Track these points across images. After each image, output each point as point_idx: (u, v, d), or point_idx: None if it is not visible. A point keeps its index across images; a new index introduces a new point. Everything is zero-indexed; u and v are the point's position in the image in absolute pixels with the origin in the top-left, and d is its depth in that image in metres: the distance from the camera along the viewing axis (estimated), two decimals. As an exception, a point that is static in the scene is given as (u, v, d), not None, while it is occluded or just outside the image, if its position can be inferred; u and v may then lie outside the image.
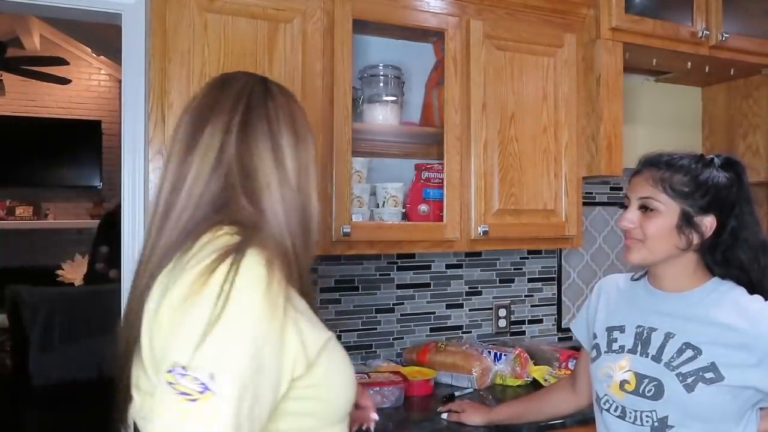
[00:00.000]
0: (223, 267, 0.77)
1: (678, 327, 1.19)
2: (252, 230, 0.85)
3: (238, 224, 0.86)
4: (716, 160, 1.21)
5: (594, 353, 1.30)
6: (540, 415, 1.56)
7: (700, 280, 1.21)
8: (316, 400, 0.86)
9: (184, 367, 0.72)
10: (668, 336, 1.19)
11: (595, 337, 1.32)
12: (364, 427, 1.20)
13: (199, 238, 0.85)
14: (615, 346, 1.26)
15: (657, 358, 1.18)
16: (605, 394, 1.25)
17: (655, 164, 1.21)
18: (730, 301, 1.18)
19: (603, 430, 1.28)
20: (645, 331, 1.23)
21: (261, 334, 0.77)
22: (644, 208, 1.19)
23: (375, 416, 1.21)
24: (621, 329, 1.27)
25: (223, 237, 0.84)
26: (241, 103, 0.92)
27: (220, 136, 0.89)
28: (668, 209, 1.17)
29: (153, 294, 0.84)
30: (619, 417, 1.22)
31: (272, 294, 0.78)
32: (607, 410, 1.25)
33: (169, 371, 0.73)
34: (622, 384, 1.21)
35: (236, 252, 0.79)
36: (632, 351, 1.23)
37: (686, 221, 1.16)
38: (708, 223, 1.17)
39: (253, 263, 0.79)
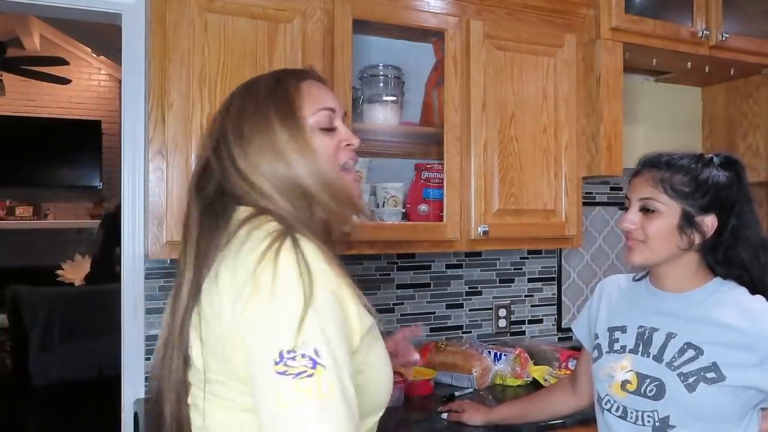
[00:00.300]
0: (286, 250, 0.80)
1: (679, 327, 1.19)
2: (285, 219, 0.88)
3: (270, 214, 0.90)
4: (715, 160, 1.21)
5: (595, 353, 1.30)
6: (540, 415, 1.55)
7: (701, 281, 1.21)
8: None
9: (291, 351, 0.74)
10: (670, 336, 1.19)
11: (596, 337, 1.32)
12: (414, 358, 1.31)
13: (236, 233, 0.87)
14: (616, 347, 1.26)
15: (658, 358, 1.18)
16: (606, 395, 1.25)
17: (654, 165, 1.21)
18: (731, 301, 1.18)
19: (604, 430, 1.28)
20: (647, 332, 1.23)
21: (335, 305, 0.80)
22: (645, 209, 1.19)
23: (416, 357, 1.34)
24: (623, 329, 1.27)
25: (269, 223, 0.86)
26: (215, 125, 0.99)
27: (213, 161, 0.95)
28: (669, 210, 1.17)
29: (202, 303, 0.86)
30: (620, 417, 1.22)
31: (333, 268, 0.82)
32: (609, 410, 1.25)
33: (277, 362, 0.73)
34: (624, 384, 1.21)
35: (290, 235, 0.82)
36: (633, 351, 1.23)
37: (687, 221, 1.16)
38: (709, 222, 1.17)
39: (309, 242, 0.82)
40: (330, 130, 0.98)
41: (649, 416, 1.17)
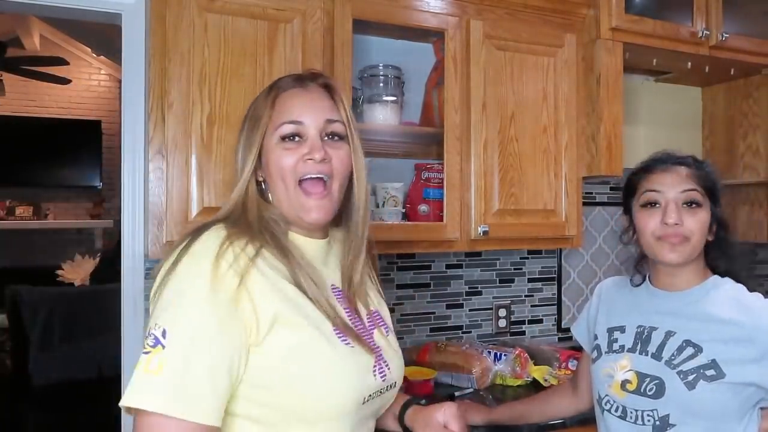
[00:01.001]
0: (181, 248, 0.88)
1: (678, 325, 1.19)
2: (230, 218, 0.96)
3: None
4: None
5: (594, 354, 1.30)
6: (541, 416, 1.55)
7: (700, 279, 1.23)
8: (261, 405, 0.88)
9: (149, 331, 0.84)
10: (669, 334, 1.19)
11: (595, 338, 1.33)
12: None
13: None
14: (615, 346, 1.26)
15: (657, 356, 1.18)
16: (606, 395, 1.25)
17: (682, 162, 1.22)
18: (729, 297, 1.19)
19: (604, 431, 1.28)
20: (645, 331, 1.23)
21: (209, 298, 0.83)
22: (690, 203, 1.18)
23: None
24: (621, 329, 1.27)
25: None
26: None
27: None
28: (705, 205, 1.20)
29: None
30: (620, 417, 1.22)
31: (222, 263, 0.85)
32: (608, 411, 1.25)
33: (145, 338, 0.84)
34: (624, 384, 1.21)
35: (198, 230, 0.90)
36: (632, 350, 1.23)
37: (715, 216, 1.20)
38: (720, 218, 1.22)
39: (209, 236, 0.88)
40: (296, 142, 0.98)
41: (649, 415, 1.17)
